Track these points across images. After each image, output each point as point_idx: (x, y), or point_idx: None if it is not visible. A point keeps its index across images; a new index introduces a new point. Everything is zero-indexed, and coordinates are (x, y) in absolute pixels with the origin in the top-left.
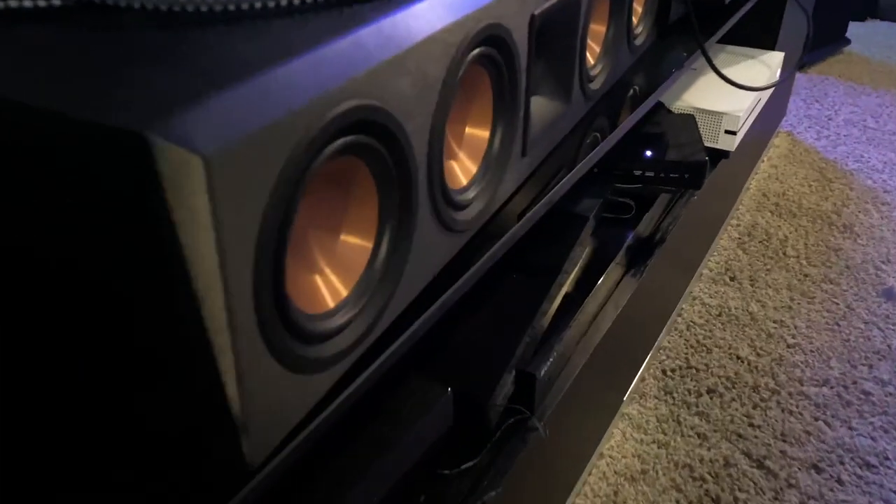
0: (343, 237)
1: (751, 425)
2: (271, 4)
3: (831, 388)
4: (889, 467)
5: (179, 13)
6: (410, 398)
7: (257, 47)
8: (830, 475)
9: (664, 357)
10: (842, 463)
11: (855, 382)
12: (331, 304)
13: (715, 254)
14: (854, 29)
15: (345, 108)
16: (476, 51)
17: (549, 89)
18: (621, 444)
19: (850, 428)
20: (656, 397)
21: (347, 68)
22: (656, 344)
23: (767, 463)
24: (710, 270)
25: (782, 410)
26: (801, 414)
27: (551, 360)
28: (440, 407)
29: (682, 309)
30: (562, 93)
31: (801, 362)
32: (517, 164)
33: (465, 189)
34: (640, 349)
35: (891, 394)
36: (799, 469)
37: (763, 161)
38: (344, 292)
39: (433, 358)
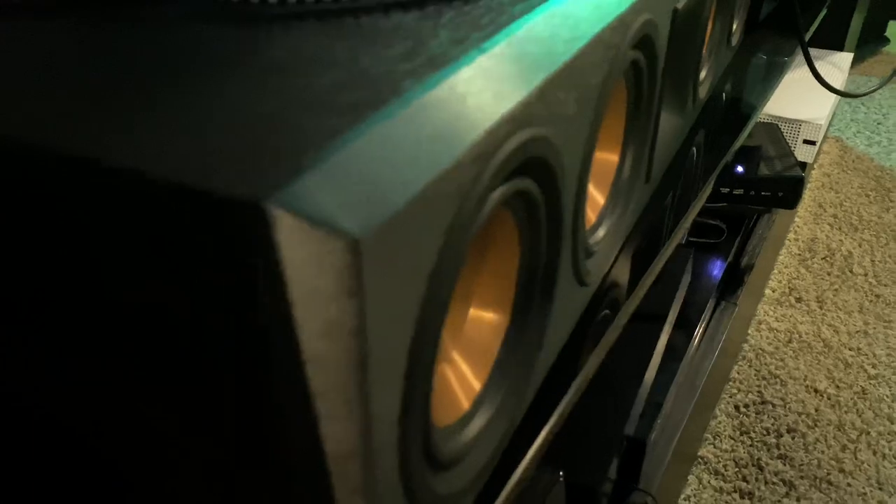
0: (474, 311)
1: (841, 471)
2: None
3: None
4: None
5: (253, 5)
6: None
7: (379, 57)
8: None
9: (735, 390)
10: None
11: None
12: (465, 404)
13: (776, 271)
14: (890, 27)
15: (516, 145)
16: (630, 53)
17: (669, 98)
18: (698, 492)
19: None
20: (732, 437)
21: (514, 84)
22: (729, 376)
23: None
24: (773, 291)
25: (874, 453)
26: None
27: (659, 420)
28: (552, 498)
29: (749, 334)
30: (679, 102)
31: (888, 396)
32: (641, 191)
33: (595, 228)
34: (718, 383)
35: None
36: None
37: (814, 169)
38: (477, 385)
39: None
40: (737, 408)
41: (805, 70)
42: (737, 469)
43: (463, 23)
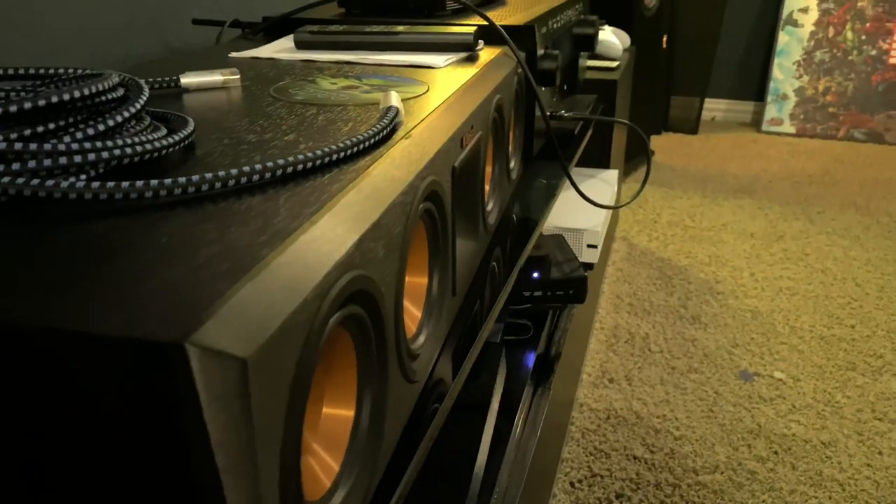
0: (327, 409)
1: None
2: (243, 180)
3: (722, 473)
4: None
5: (136, 200)
6: None
7: (241, 233)
8: None
9: (568, 469)
10: None
11: (740, 464)
12: (327, 482)
13: (589, 358)
14: (654, 142)
15: (344, 283)
16: (422, 206)
17: (462, 229)
18: None
19: None
20: None
21: (338, 243)
22: (560, 457)
23: None
24: (589, 375)
25: (687, 503)
26: None
27: (495, 498)
28: None
29: (574, 416)
30: (471, 231)
31: (691, 453)
32: (450, 303)
33: (416, 336)
34: (550, 464)
35: (772, 469)
36: None
37: (609, 266)
38: (336, 466)
39: None
40: (572, 484)
41: (579, 186)
42: None
43: (297, 202)
